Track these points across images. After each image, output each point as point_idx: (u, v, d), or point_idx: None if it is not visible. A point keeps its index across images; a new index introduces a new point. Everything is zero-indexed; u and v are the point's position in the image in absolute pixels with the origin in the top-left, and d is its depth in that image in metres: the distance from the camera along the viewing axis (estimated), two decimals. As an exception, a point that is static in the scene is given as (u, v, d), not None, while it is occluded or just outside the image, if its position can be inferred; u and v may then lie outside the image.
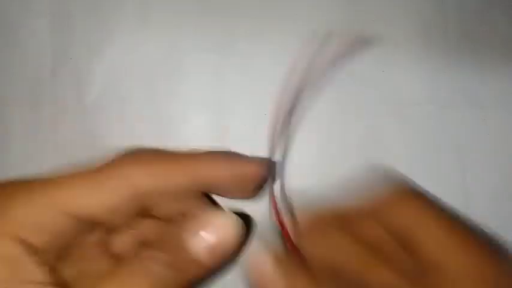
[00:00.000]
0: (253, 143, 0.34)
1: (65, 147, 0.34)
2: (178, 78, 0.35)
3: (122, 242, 0.24)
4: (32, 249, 0.20)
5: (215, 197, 0.30)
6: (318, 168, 0.34)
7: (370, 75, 0.35)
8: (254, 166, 0.25)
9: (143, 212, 0.23)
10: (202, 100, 0.35)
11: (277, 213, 0.25)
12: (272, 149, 0.31)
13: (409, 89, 0.35)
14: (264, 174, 0.25)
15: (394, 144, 0.35)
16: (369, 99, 0.35)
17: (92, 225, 0.23)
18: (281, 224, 0.25)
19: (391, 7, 0.36)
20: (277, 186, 0.32)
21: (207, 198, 0.27)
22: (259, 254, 0.24)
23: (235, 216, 0.22)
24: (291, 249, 0.24)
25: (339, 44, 0.35)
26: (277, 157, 0.33)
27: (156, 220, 0.24)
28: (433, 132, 0.35)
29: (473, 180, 0.35)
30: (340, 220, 0.25)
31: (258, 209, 0.30)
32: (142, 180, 0.22)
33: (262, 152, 0.34)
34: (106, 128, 0.34)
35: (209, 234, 0.22)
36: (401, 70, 0.35)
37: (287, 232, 0.25)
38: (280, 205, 0.29)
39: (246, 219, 0.26)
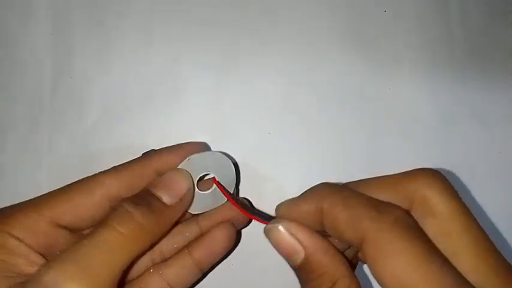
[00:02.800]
0: (255, 161, 0.34)
1: (60, 167, 0.33)
2: (179, 97, 0.34)
3: None
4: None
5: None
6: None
7: (375, 92, 0.35)
8: (192, 145, 0.30)
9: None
10: (203, 118, 0.34)
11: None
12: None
13: (415, 105, 0.35)
14: (198, 146, 0.30)
15: (400, 160, 0.34)
16: (374, 116, 0.34)
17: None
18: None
19: (396, 24, 0.35)
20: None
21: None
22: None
23: (183, 169, 0.28)
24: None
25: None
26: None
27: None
28: (439, 149, 0.34)
29: (481, 197, 0.34)
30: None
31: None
32: (112, 184, 0.27)
33: (263, 171, 0.34)
34: (104, 148, 0.34)
35: (167, 184, 0.27)
36: (407, 87, 0.35)
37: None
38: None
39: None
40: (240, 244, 0.33)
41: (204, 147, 0.31)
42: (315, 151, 0.34)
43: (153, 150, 0.33)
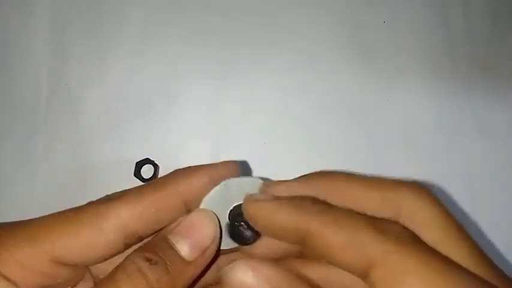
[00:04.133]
0: (252, 169, 0.33)
1: (56, 176, 0.33)
2: (175, 106, 0.34)
3: None
4: None
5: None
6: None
7: (376, 102, 0.34)
8: (226, 165, 0.24)
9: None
10: (200, 128, 0.34)
11: None
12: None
13: (417, 117, 0.34)
14: (237, 170, 0.25)
15: (401, 171, 0.33)
16: (375, 126, 0.34)
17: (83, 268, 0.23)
18: None
19: (399, 34, 0.35)
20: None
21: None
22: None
23: (209, 211, 0.23)
24: None
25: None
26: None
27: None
28: (441, 161, 0.34)
29: (484, 209, 0.33)
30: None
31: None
32: (129, 219, 0.22)
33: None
34: (100, 156, 0.33)
35: (188, 233, 0.22)
36: (409, 98, 0.34)
37: None
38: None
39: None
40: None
41: (238, 168, 0.25)
42: (313, 161, 0.33)
43: (148, 159, 0.33)
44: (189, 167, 0.23)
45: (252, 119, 0.34)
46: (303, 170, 0.33)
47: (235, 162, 0.25)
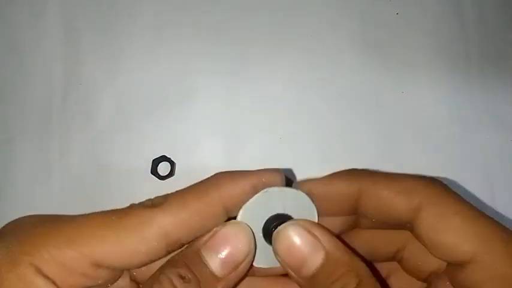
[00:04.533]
0: (265, 166, 0.33)
1: (71, 175, 0.33)
2: (189, 102, 0.34)
3: None
4: None
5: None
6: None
7: (389, 97, 0.34)
8: (270, 174, 0.23)
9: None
10: (215, 124, 0.34)
11: None
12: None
13: (430, 110, 0.34)
14: (281, 179, 0.24)
15: (415, 167, 0.32)
16: (388, 121, 0.34)
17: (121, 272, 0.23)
18: None
19: (410, 27, 0.35)
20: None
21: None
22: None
23: (244, 225, 0.22)
24: None
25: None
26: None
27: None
28: (456, 156, 0.33)
29: (503, 204, 0.33)
30: None
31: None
32: (172, 228, 0.21)
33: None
34: (114, 156, 0.33)
35: (220, 248, 0.22)
36: (422, 91, 0.34)
37: None
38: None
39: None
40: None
41: (282, 178, 0.24)
42: (327, 156, 0.33)
43: (165, 156, 0.33)
44: (231, 172, 0.23)
45: (266, 114, 0.34)
46: (315, 165, 0.34)
47: (278, 170, 0.24)
